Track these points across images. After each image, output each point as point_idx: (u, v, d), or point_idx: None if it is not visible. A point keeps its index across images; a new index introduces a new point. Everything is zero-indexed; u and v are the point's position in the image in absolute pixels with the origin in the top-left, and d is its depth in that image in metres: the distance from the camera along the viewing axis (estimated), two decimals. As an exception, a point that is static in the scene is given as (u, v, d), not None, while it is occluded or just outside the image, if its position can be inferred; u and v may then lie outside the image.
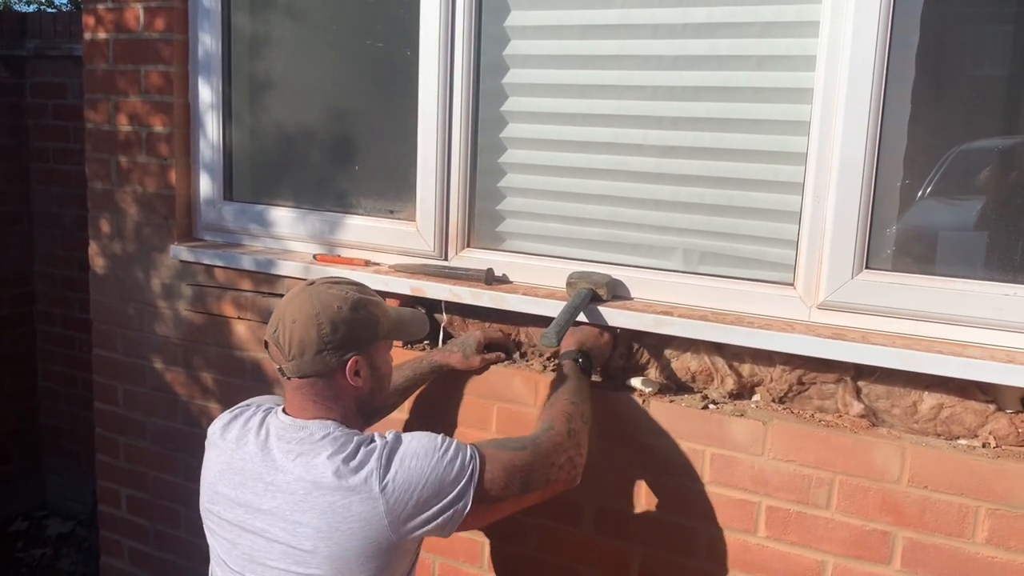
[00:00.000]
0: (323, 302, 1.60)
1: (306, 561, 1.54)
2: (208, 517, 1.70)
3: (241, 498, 1.61)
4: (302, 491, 1.54)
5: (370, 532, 1.52)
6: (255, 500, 1.59)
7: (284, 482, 1.56)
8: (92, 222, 2.86)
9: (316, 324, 1.58)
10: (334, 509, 1.51)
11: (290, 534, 1.55)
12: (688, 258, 2.07)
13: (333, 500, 1.52)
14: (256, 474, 1.60)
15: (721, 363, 1.98)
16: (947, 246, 1.88)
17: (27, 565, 3.90)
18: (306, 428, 1.60)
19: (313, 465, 1.55)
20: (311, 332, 1.58)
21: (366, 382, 1.66)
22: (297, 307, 1.60)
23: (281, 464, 1.58)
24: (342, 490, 1.52)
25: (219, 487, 1.66)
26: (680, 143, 2.04)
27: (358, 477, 1.52)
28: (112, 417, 2.93)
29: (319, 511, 1.52)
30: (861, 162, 1.81)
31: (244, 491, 1.61)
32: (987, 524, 1.68)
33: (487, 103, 2.25)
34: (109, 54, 2.72)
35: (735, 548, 1.91)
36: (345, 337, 1.60)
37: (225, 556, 1.67)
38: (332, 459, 1.54)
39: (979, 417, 1.76)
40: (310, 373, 1.60)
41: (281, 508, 1.56)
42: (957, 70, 1.84)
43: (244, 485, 1.61)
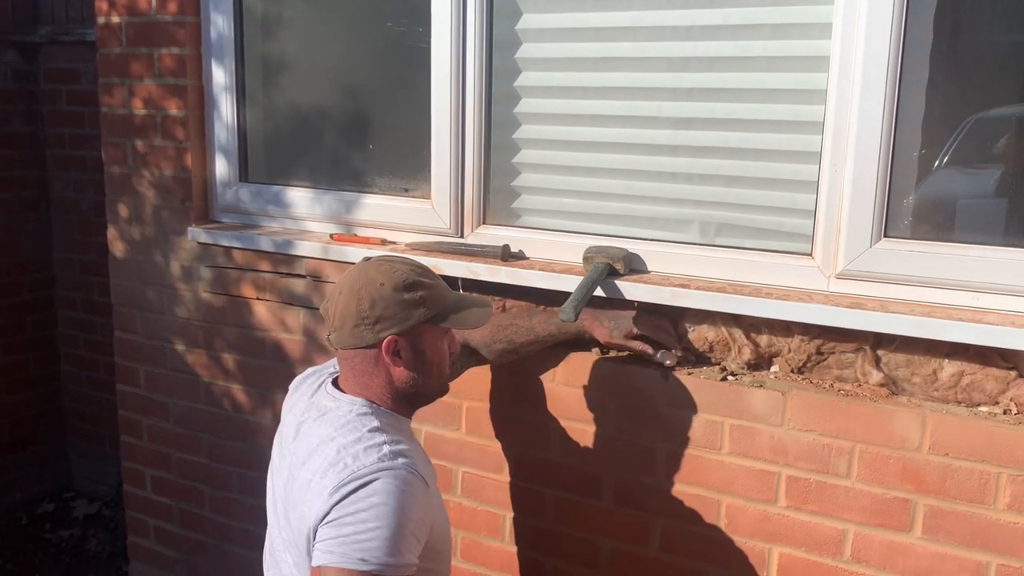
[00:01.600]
0: (368, 277, 1.62)
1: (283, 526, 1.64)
2: (274, 449, 1.78)
3: (283, 463, 1.69)
4: (302, 458, 1.60)
5: (308, 524, 1.52)
6: (287, 460, 1.67)
7: (298, 448, 1.64)
8: (110, 206, 2.88)
9: (357, 298, 1.60)
10: (310, 484, 1.54)
11: (284, 499, 1.63)
12: (705, 230, 2.07)
13: (311, 476, 1.55)
14: (293, 435, 1.68)
15: (739, 335, 1.98)
16: (965, 213, 1.87)
17: (55, 546, 3.96)
18: (338, 401, 1.65)
19: (325, 437, 1.60)
20: (351, 305, 1.61)
21: (408, 365, 1.65)
22: (347, 280, 1.65)
23: (307, 430, 1.66)
24: (321, 470, 1.54)
25: (279, 441, 1.76)
26: (695, 114, 2.03)
27: (334, 468, 1.52)
28: (135, 399, 2.96)
29: (302, 480, 1.57)
30: (879, 130, 1.80)
31: (286, 461, 1.68)
32: (1008, 490, 1.68)
33: (500, 78, 2.24)
34: (122, 38, 2.73)
35: (755, 518, 1.92)
36: (383, 314, 1.60)
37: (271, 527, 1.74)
38: (336, 438, 1.58)
39: (1000, 384, 1.75)
40: (349, 345, 1.64)
41: (290, 469, 1.64)
42: (975, 36, 1.82)
43: (290, 453, 1.68)
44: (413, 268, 1.66)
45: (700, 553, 1.99)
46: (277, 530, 1.68)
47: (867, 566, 1.82)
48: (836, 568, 1.85)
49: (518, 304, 2.23)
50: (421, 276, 1.65)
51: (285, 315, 2.56)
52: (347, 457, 1.53)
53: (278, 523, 1.68)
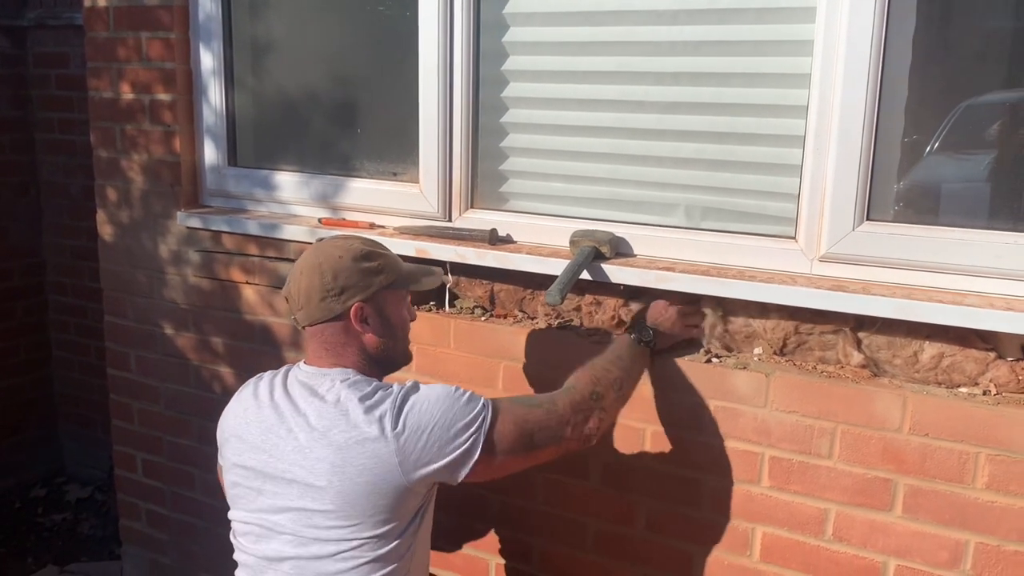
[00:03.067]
0: (326, 253, 1.71)
1: (320, 497, 1.61)
2: (231, 471, 1.76)
3: (267, 443, 1.69)
4: (321, 428, 1.62)
5: (380, 471, 1.58)
6: (280, 444, 1.66)
7: (304, 423, 1.64)
8: (99, 191, 2.88)
9: (319, 272, 1.69)
10: (349, 444, 1.59)
11: (308, 471, 1.62)
12: (690, 214, 2.08)
13: (349, 436, 1.59)
14: (280, 418, 1.68)
15: (723, 317, 2.00)
16: (948, 197, 1.89)
17: (48, 530, 3.98)
18: (327, 375, 1.69)
19: (332, 403, 1.63)
20: (315, 280, 1.69)
21: (376, 330, 1.73)
22: (305, 259, 1.73)
23: (302, 406, 1.67)
24: (358, 427, 1.59)
25: (245, 435, 1.73)
26: (681, 99, 2.04)
27: (372, 416, 1.59)
28: (125, 383, 2.97)
29: (336, 446, 1.59)
30: (862, 114, 1.81)
31: (270, 436, 1.68)
32: (987, 470, 1.70)
33: (488, 62, 2.25)
34: (109, 21, 2.72)
35: (739, 498, 1.94)
36: (346, 284, 1.69)
37: (246, 508, 1.73)
38: (349, 398, 1.63)
39: (979, 365, 1.77)
40: (318, 319, 1.70)
41: (302, 446, 1.63)
42: (960, 20, 1.83)
43: (271, 431, 1.69)
44: (365, 241, 1.77)
45: (685, 533, 2.02)
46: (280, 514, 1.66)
47: (848, 545, 1.85)
48: (818, 547, 1.88)
49: (505, 288, 2.25)
50: (374, 247, 1.76)
51: (274, 299, 2.57)
52: (378, 402, 1.62)
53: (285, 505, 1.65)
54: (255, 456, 1.70)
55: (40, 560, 3.74)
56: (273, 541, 1.67)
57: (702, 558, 2.01)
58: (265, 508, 1.69)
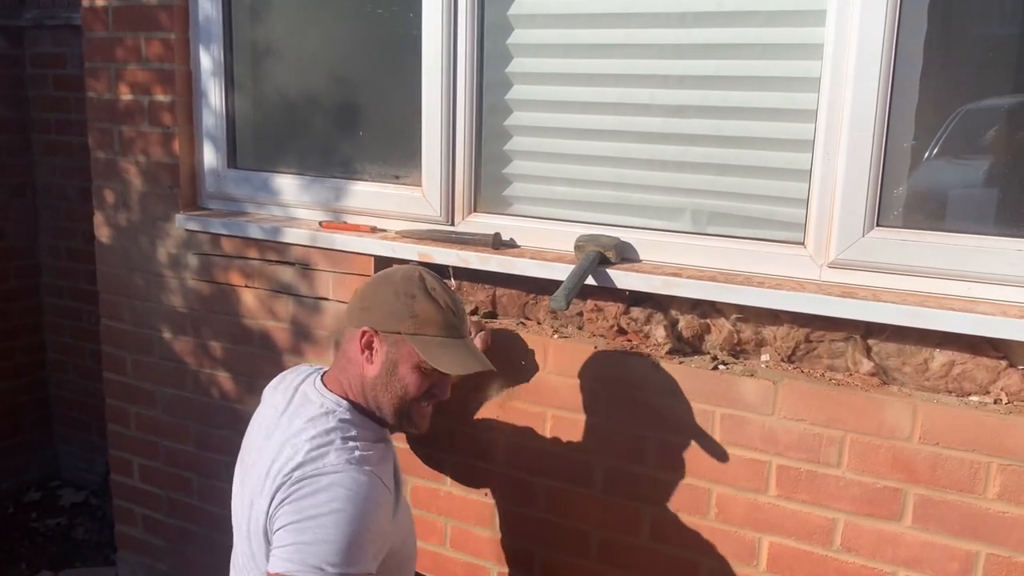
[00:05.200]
0: (400, 275, 1.69)
1: (239, 526, 1.68)
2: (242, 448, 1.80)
3: (255, 444, 1.72)
4: (272, 448, 1.62)
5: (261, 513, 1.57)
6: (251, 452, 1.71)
7: (271, 442, 1.64)
8: (96, 192, 2.85)
9: (373, 285, 1.72)
10: (267, 476, 1.58)
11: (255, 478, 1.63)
12: (696, 219, 2.06)
13: (269, 467, 1.58)
14: (267, 426, 1.70)
15: (730, 324, 1.98)
16: (958, 203, 1.87)
17: (42, 535, 3.93)
18: (322, 397, 1.69)
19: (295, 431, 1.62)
20: (367, 298, 1.70)
21: (377, 368, 1.65)
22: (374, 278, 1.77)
23: (283, 423, 1.67)
24: (286, 459, 1.56)
25: (250, 436, 1.77)
26: (688, 102, 2.02)
27: (300, 461, 1.54)
28: (122, 387, 2.94)
29: (262, 475, 1.60)
30: (872, 118, 1.79)
31: (256, 437, 1.73)
32: (999, 480, 1.68)
33: (492, 64, 2.23)
34: (108, 22, 2.70)
35: (746, 507, 1.92)
36: (372, 304, 1.67)
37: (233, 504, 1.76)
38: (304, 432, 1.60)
39: (991, 373, 1.75)
40: (345, 323, 1.75)
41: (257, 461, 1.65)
42: (968, 26, 1.81)
43: (259, 429, 1.73)
44: (434, 287, 1.66)
45: (690, 542, 1.99)
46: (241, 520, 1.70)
47: (857, 555, 1.82)
48: (826, 557, 1.85)
49: (508, 292, 2.22)
50: (433, 295, 1.65)
51: (273, 303, 2.54)
52: (315, 452, 1.55)
53: (242, 512, 1.69)
54: (248, 455, 1.74)
55: (34, 566, 3.70)
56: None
57: (708, 568, 1.98)
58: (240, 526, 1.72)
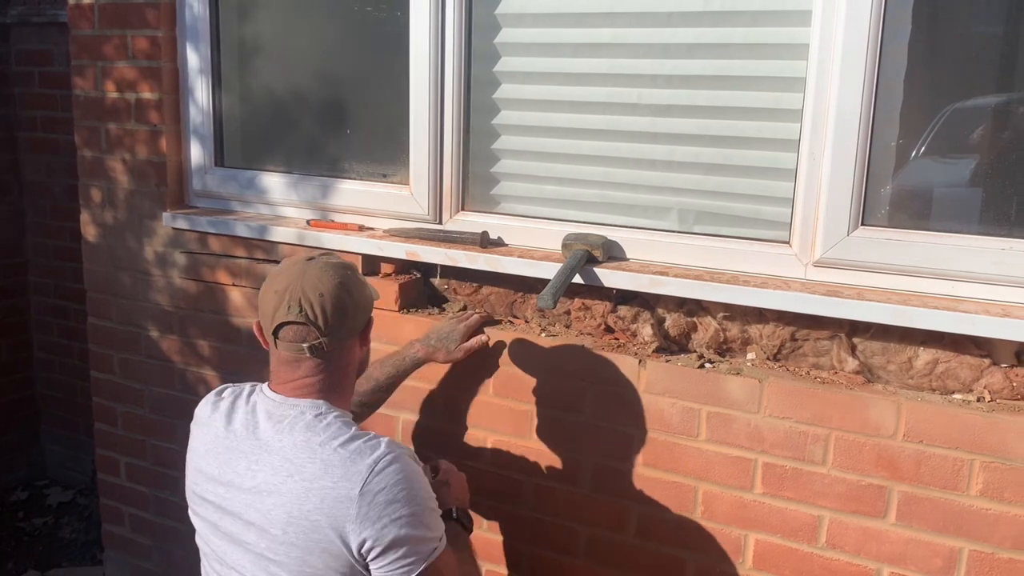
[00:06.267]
0: (336, 271, 1.58)
1: (275, 547, 1.50)
2: (192, 500, 1.66)
3: (224, 477, 1.57)
4: (284, 471, 1.50)
5: (332, 535, 1.46)
6: (237, 480, 1.55)
7: (268, 461, 1.52)
8: (83, 191, 2.84)
9: (346, 291, 1.57)
10: (308, 494, 1.47)
11: (264, 516, 1.51)
12: (683, 218, 2.07)
13: (310, 485, 1.47)
14: (241, 452, 1.56)
15: (717, 322, 1.98)
16: (942, 202, 1.88)
17: (29, 534, 3.92)
18: (297, 407, 1.56)
19: (302, 441, 1.51)
20: (343, 301, 1.56)
21: (366, 348, 1.70)
22: (315, 283, 1.54)
23: (268, 442, 1.54)
24: (324, 477, 1.47)
25: (204, 466, 1.62)
26: (675, 101, 2.03)
27: (344, 468, 1.47)
28: (109, 386, 2.93)
29: (295, 494, 1.48)
30: (857, 118, 1.80)
31: (227, 470, 1.57)
32: (981, 477, 1.69)
33: (479, 63, 2.23)
34: (94, 19, 2.68)
35: (732, 504, 1.93)
36: (360, 300, 1.61)
37: (209, 538, 1.64)
38: (324, 443, 1.50)
39: (974, 371, 1.77)
40: (346, 338, 1.59)
41: (260, 487, 1.51)
42: (953, 26, 1.82)
43: (228, 464, 1.57)
44: (354, 268, 1.67)
45: (677, 539, 2.00)
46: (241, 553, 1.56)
47: (842, 552, 1.83)
48: (811, 554, 1.87)
49: (496, 291, 2.23)
50: (360, 276, 1.67)
51: (261, 301, 2.54)
52: (356, 455, 1.48)
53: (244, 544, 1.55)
54: (213, 489, 1.59)
55: (21, 565, 3.68)
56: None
57: (694, 565, 1.99)
58: (225, 547, 1.59)
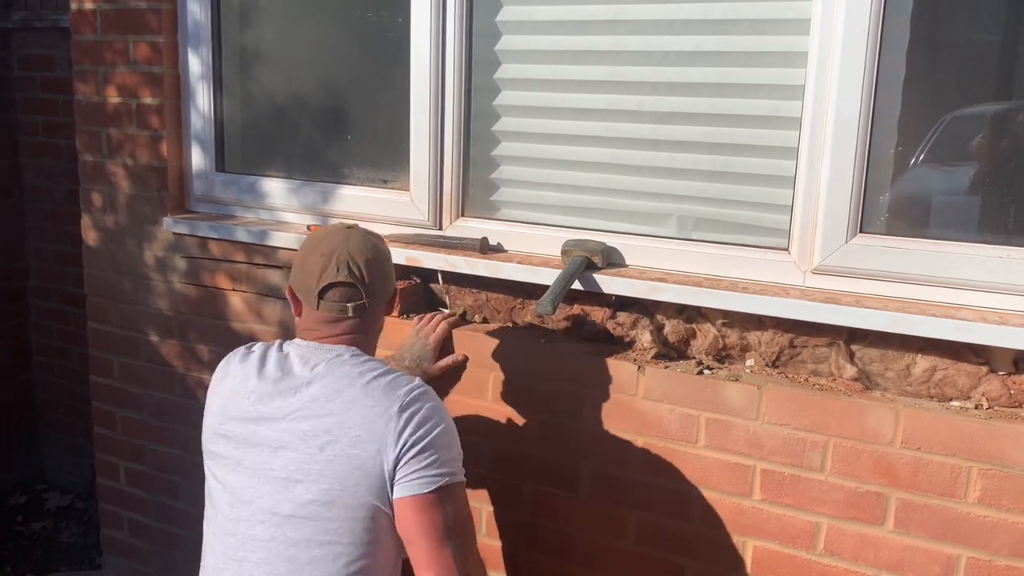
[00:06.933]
0: (375, 239, 1.74)
1: (305, 468, 1.57)
2: (212, 441, 1.70)
3: (255, 412, 1.64)
4: (324, 397, 1.59)
5: (372, 446, 1.55)
6: (270, 412, 1.62)
7: (307, 392, 1.61)
8: (84, 195, 2.85)
9: (385, 258, 1.74)
10: (349, 412, 1.57)
11: (299, 437, 1.58)
12: (683, 224, 2.07)
13: (351, 405, 1.57)
14: (277, 391, 1.64)
15: (715, 329, 1.99)
16: (941, 210, 1.89)
17: (27, 538, 3.92)
18: (333, 350, 1.67)
19: (342, 373, 1.61)
20: (383, 263, 1.73)
21: (383, 320, 1.80)
22: (359, 247, 1.69)
23: (305, 378, 1.63)
24: (364, 399, 1.57)
25: (231, 407, 1.68)
26: (675, 109, 2.03)
27: (384, 392, 1.58)
28: (108, 390, 2.93)
29: (336, 414, 1.57)
30: (855, 126, 1.81)
31: (260, 407, 1.64)
32: (979, 484, 1.70)
33: (480, 70, 2.23)
34: (96, 24, 2.69)
35: (730, 511, 1.93)
36: (391, 269, 1.78)
37: (226, 478, 1.66)
38: (363, 374, 1.61)
39: (972, 379, 1.77)
40: (380, 303, 1.73)
41: (297, 413, 1.60)
42: (951, 34, 1.83)
43: (261, 401, 1.64)
44: None
45: (675, 546, 2.00)
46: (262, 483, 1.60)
47: (840, 559, 1.84)
48: (810, 561, 1.87)
49: (495, 297, 2.23)
50: None
51: (261, 306, 2.54)
52: (394, 383, 1.61)
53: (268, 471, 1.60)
54: (241, 426, 1.65)
55: (19, 570, 3.68)
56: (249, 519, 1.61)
57: (692, 571, 1.99)
58: (241, 483, 1.63)
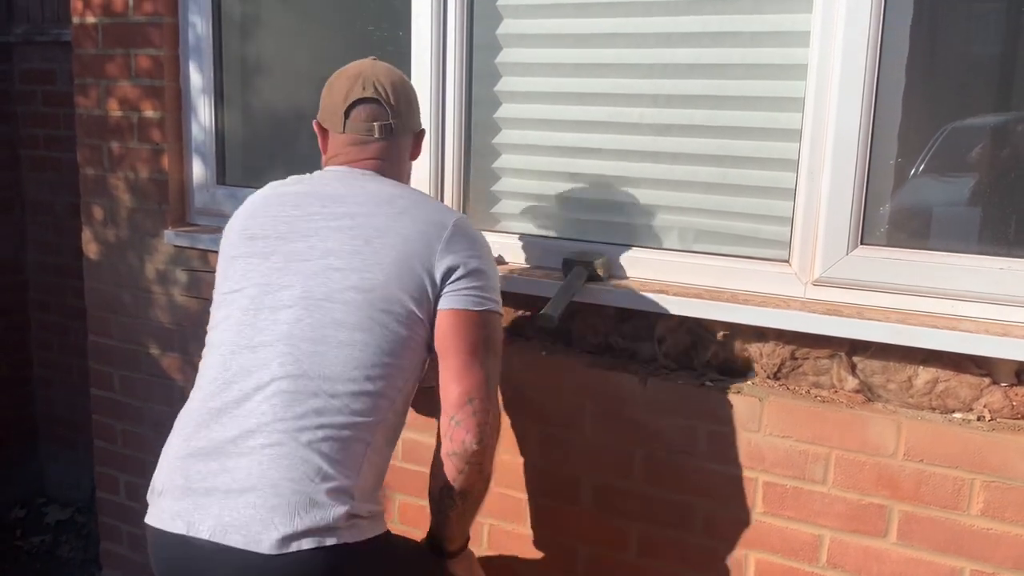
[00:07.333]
0: (397, 71, 1.73)
1: (348, 258, 1.55)
2: (234, 247, 1.67)
3: (287, 215, 1.63)
4: (371, 203, 1.60)
5: (423, 252, 1.56)
6: (308, 212, 1.62)
7: (351, 199, 1.61)
8: (85, 209, 2.85)
9: (409, 85, 1.73)
10: (401, 216, 1.58)
11: (346, 232, 1.57)
12: (684, 236, 2.08)
13: (403, 212, 1.59)
14: (315, 197, 1.64)
15: (717, 340, 1.99)
16: (941, 221, 1.89)
17: (27, 552, 3.91)
18: (366, 173, 1.68)
19: (385, 188, 1.63)
20: (409, 92, 1.72)
21: (410, 164, 1.81)
22: (385, 72, 1.69)
23: (344, 192, 1.63)
24: (416, 208, 1.60)
25: (259, 211, 1.68)
26: (675, 121, 2.04)
27: (436, 207, 1.64)
28: (109, 403, 2.93)
29: (386, 216, 1.58)
30: (855, 138, 1.81)
31: (294, 210, 1.63)
32: (982, 496, 1.69)
33: (481, 83, 2.24)
34: (98, 38, 2.70)
35: (732, 523, 1.92)
36: (416, 98, 1.75)
37: (250, 274, 1.62)
38: (406, 190, 1.65)
39: (974, 390, 1.77)
40: (410, 129, 1.73)
41: (342, 215, 1.60)
42: (950, 46, 1.84)
43: (297, 207, 1.64)
44: None
45: (677, 558, 2.00)
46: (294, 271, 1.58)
47: (843, 571, 1.83)
48: (812, 573, 1.86)
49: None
50: None
51: (262, 319, 2.54)
52: (443, 207, 1.70)
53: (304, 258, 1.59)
54: (273, 224, 1.63)
55: (18, 583, 3.68)
56: (272, 306, 1.58)
57: (695, 584, 1.99)
58: (270, 273, 1.59)
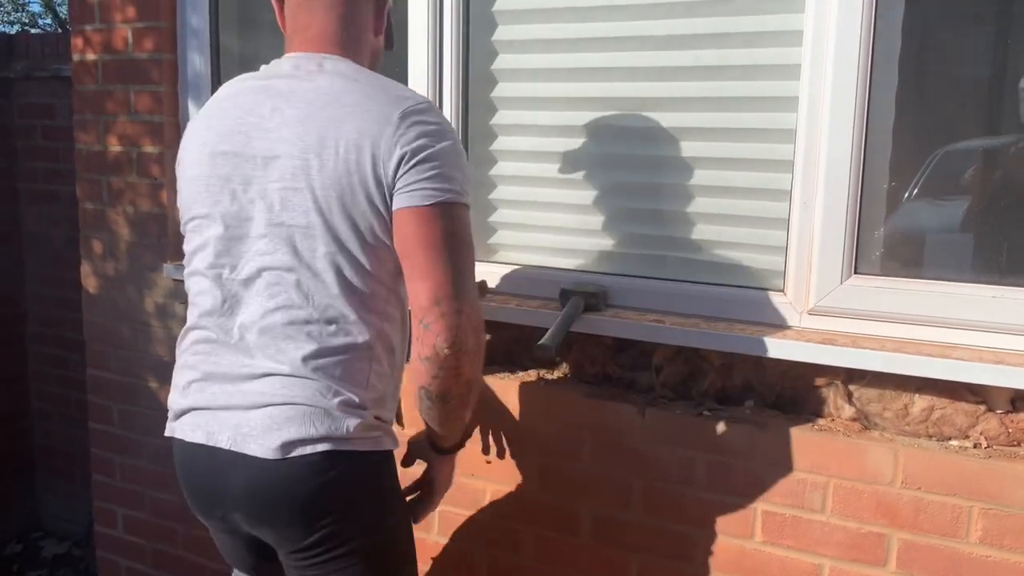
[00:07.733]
0: None
1: (297, 174, 1.46)
2: (194, 168, 1.59)
3: (244, 124, 1.53)
4: (320, 102, 1.48)
5: (367, 155, 1.44)
6: (260, 121, 1.51)
7: (301, 94, 1.49)
8: (84, 243, 2.86)
9: None
10: (350, 117, 1.45)
11: (292, 143, 1.47)
12: (679, 267, 2.09)
13: (352, 110, 1.46)
14: (266, 95, 1.53)
15: (714, 370, 2.00)
16: (934, 249, 1.91)
17: (23, 587, 3.89)
18: (328, 58, 1.55)
19: (338, 78, 1.50)
20: None
21: (379, 38, 1.67)
22: None
23: (296, 85, 1.51)
24: (365, 102, 1.47)
25: (215, 125, 1.57)
26: (669, 153, 2.06)
27: (388, 97, 1.48)
28: (107, 437, 2.93)
29: (334, 118, 1.46)
30: (847, 168, 1.83)
31: (248, 116, 1.53)
32: (980, 524, 1.69)
33: (477, 115, 2.27)
34: (98, 75, 2.73)
35: (732, 553, 1.92)
36: None
37: (219, 198, 1.55)
38: (364, 80, 1.51)
39: (970, 418, 1.78)
40: None
41: (291, 119, 1.48)
42: (939, 73, 1.86)
43: (251, 111, 1.53)
44: None
45: (678, 589, 1.99)
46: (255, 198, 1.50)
47: (843, 601, 1.83)
48: (813, 603, 1.86)
49: (494, 340, 2.24)
50: None
51: (261, 352, 2.54)
52: (399, 93, 1.50)
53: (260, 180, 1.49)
54: (229, 140, 1.52)
55: (15, 619, 3.65)
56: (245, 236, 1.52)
57: (696, 615, 1.98)
58: (236, 205, 1.52)
